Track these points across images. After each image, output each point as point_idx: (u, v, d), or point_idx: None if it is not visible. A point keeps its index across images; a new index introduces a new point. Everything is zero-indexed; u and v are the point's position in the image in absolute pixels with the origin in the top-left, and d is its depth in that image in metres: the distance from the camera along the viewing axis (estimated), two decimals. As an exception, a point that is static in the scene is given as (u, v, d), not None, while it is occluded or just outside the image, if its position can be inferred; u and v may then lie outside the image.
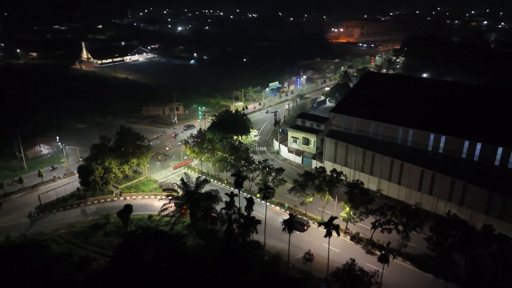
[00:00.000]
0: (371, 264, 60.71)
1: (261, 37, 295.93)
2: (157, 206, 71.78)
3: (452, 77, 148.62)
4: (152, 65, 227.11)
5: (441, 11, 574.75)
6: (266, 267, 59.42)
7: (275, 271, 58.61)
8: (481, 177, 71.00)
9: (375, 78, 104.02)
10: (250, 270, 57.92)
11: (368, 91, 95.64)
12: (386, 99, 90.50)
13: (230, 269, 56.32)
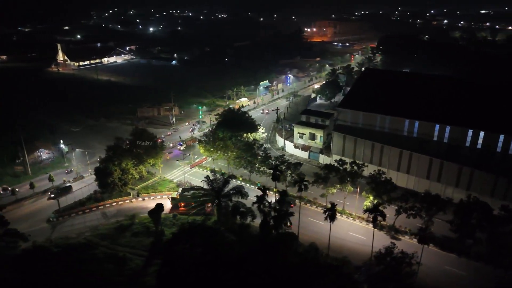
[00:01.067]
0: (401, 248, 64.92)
1: (237, 37, 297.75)
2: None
3: (429, 72, 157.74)
4: (132, 66, 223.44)
5: (402, 10, 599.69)
6: (304, 256, 61.90)
7: (313, 259, 61.23)
8: (485, 163, 77.07)
9: (375, 74, 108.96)
10: (288, 259, 60.34)
11: (370, 86, 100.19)
12: (389, 94, 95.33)
13: (270, 260, 58.48)
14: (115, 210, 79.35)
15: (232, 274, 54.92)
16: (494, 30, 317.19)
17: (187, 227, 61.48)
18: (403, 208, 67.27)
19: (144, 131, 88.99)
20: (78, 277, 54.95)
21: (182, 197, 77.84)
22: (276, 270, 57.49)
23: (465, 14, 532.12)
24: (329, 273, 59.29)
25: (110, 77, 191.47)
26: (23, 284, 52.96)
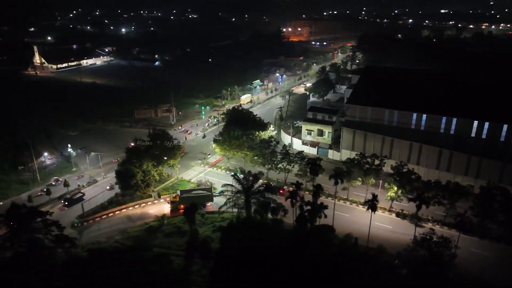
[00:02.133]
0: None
1: (214, 37, 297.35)
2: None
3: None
4: (114, 68, 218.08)
5: (367, 10, 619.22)
6: (342, 246, 64.31)
7: (351, 248, 63.80)
8: (491, 152, 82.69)
9: (376, 71, 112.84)
10: (327, 249, 62.64)
11: (373, 83, 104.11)
12: (393, 89, 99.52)
13: (311, 250, 60.59)
14: (139, 212, 78.41)
15: (281, 264, 56.61)
16: (459, 29, 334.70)
17: (234, 223, 62.01)
18: (426, 197, 70.87)
19: (164, 132, 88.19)
20: (137, 278, 54.40)
21: (182, 199, 77.06)
22: (319, 259, 59.70)
23: (427, 13, 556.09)
24: (369, 261, 62.26)
25: (94, 80, 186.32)
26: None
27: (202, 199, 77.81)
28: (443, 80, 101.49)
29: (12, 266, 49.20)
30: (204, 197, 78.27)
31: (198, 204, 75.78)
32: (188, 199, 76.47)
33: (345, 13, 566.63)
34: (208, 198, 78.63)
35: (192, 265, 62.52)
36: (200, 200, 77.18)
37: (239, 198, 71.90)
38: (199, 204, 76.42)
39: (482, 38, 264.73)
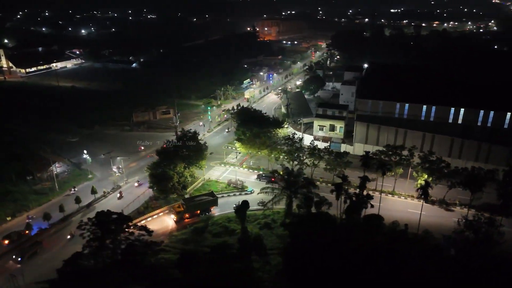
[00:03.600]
0: (456, 218, 74.01)
1: (183, 37, 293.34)
2: (234, 202, 76.23)
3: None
4: (88, 71, 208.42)
5: (323, 10, 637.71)
6: (392, 232, 67.73)
7: (401, 234, 67.38)
8: (499, 138, 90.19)
9: (380, 67, 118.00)
10: (380, 236, 65.84)
11: (379, 78, 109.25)
12: (400, 83, 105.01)
13: (365, 238, 63.48)
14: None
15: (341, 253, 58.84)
16: (416, 27, 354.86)
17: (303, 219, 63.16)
18: (456, 182, 76.23)
19: (195, 133, 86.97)
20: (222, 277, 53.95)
21: (189, 208, 75.02)
22: (374, 245, 62.62)
23: (379, 13, 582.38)
24: (419, 243, 66.28)
25: (72, 83, 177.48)
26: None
27: (208, 205, 76.99)
28: (445, 74, 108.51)
29: (114, 274, 47.09)
30: (209, 202, 77.10)
31: (203, 209, 75.76)
32: (195, 206, 75.21)
33: (303, 13, 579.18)
34: (213, 203, 77.58)
35: (255, 263, 62.71)
36: (206, 206, 76.67)
37: (282, 194, 73.30)
38: (204, 209, 76.14)
39: (439, 34, 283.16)
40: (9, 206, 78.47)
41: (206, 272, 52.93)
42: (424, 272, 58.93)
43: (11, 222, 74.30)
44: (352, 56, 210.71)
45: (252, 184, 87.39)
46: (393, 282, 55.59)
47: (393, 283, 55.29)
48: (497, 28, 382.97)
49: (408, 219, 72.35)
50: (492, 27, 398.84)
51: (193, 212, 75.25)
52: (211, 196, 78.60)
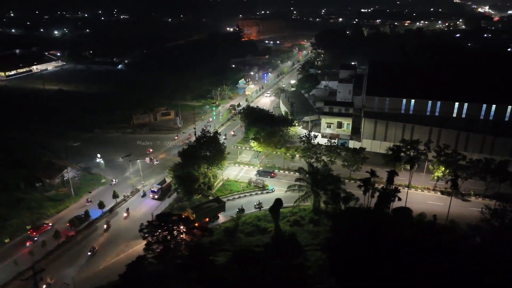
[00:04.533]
0: (474, 207, 77.72)
1: (166, 38, 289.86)
2: (257, 200, 77.87)
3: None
4: (71, 73, 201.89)
5: (296, 10, 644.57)
6: (421, 223, 70.15)
7: (429, 224, 69.94)
8: (501, 131, 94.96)
9: (382, 65, 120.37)
10: (411, 227, 68.12)
11: (383, 76, 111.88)
12: (404, 80, 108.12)
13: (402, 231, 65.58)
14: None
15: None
16: (392, 26, 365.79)
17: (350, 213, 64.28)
18: (472, 173, 79.77)
19: (216, 133, 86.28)
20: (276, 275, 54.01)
21: (199, 216, 70.74)
22: (408, 235, 64.81)
23: (350, 13, 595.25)
24: (447, 232, 69.01)
25: (58, 86, 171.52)
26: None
27: (216, 211, 74.69)
28: (447, 69, 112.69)
29: (181, 277, 45.99)
30: (218, 209, 74.72)
31: (212, 216, 73.78)
32: (204, 214, 72.12)
33: (278, 13, 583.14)
34: (221, 209, 75.35)
35: (296, 259, 63.07)
36: (214, 212, 74.42)
37: (309, 191, 74.27)
38: (213, 216, 74.13)
39: (415, 33, 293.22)
40: (25, 215, 75.27)
41: (263, 269, 52.84)
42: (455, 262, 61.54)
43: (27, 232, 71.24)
44: (337, 55, 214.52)
45: (271, 183, 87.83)
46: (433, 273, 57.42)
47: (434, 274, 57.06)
48: (465, 26, 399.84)
49: (432, 211, 75.01)
50: (461, 25, 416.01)
51: (203, 220, 71.60)
52: (218, 201, 75.83)
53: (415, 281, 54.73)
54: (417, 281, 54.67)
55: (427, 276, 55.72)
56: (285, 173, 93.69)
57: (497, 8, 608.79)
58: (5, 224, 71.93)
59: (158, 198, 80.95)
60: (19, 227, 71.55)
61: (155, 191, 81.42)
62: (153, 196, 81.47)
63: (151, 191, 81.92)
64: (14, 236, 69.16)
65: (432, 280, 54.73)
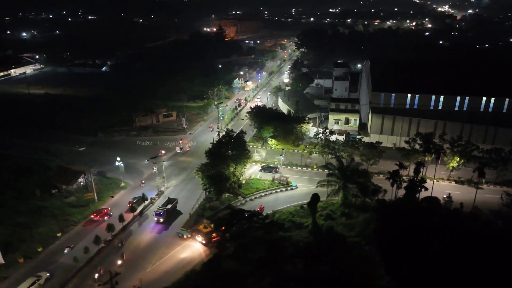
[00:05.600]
0: (488, 194, 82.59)
1: (144, 39, 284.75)
2: (284, 198, 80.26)
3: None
4: (53, 76, 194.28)
5: (265, 10, 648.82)
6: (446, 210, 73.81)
7: (455, 212, 73.68)
8: (501, 121, 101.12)
9: (382, 63, 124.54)
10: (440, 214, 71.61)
11: (385, 73, 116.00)
12: (407, 76, 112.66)
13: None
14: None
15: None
16: (364, 25, 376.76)
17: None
18: (483, 162, 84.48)
19: (241, 132, 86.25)
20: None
21: (217, 226, 66.96)
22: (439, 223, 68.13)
23: (320, 12, 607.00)
24: (473, 218, 73.01)
25: (43, 90, 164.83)
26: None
27: (364, 176, 74.68)
28: (446, 64, 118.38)
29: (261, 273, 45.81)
30: (365, 174, 75.27)
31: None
32: (221, 222, 67.58)
33: (250, 12, 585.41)
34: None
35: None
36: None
37: (340, 185, 76.19)
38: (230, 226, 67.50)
39: (390, 32, 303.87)
40: (50, 222, 72.53)
41: (328, 261, 53.89)
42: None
43: (63, 238, 68.91)
44: (321, 54, 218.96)
45: (293, 180, 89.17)
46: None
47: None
48: (432, 25, 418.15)
49: (455, 199, 79.01)
50: (427, 24, 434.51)
51: (220, 229, 67.46)
52: (230, 208, 72.92)
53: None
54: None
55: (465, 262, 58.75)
56: (303, 169, 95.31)
57: (457, 8, 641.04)
58: (32, 233, 69.13)
59: (163, 222, 72.40)
60: (48, 235, 68.88)
61: (160, 214, 72.28)
62: (158, 219, 72.42)
63: (156, 214, 72.83)
64: (46, 244, 66.47)
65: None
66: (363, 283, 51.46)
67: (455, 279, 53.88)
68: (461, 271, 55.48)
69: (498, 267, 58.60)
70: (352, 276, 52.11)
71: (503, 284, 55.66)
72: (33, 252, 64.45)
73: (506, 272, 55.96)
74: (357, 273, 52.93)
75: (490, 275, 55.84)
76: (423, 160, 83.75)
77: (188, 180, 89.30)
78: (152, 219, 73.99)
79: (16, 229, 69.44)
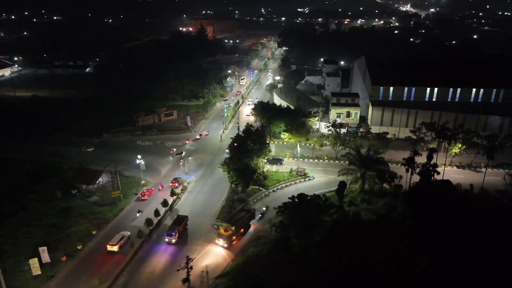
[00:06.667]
0: (489, 176, 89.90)
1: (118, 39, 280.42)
2: (304, 188, 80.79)
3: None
4: (34, 78, 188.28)
5: (235, 10, 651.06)
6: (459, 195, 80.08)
7: (465, 194, 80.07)
8: (489, 111, 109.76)
9: (376, 59, 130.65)
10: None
11: (381, 68, 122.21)
12: (401, 72, 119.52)
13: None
14: (261, 204, 79.39)
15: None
16: (337, 24, 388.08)
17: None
18: (486, 147, 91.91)
19: (262, 127, 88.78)
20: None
21: (237, 228, 67.68)
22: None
23: (289, 12, 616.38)
24: (482, 199, 79.68)
25: (28, 93, 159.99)
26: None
27: (249, 220, 71.79)
28: (435, 60, 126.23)
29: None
30: (250, 217, 71.99)
31: (246, 227, 70.71)
32: (240, 225, 68.48)
33: (224, 11, 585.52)
34: (251, 217, 72.79)
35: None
36: (247, 222, 71.25)
37: (361, 173, 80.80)
38: (247, 226, 71.02)
39: (368, 30, 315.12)
40: (82, 221, 72.52)
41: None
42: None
43: (99, 234, 69.26)
44: (304, 52, 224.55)
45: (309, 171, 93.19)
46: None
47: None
48: (399, 24, 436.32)
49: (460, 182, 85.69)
50: (394, 23, 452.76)
51: (239, 232, 68.89)
52: (246, 211, 72.66)
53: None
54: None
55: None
56: (314, 161, 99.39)
57: (417, 7, 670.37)
58: (67, 233, 69.01)
59: (175, 243, 66.39)
60: (84, 233, 68.99)
61: (172, 234, 66.02)
62: (169, 240, 66.19)
63: (167, 234, 66.66)
64: (85, 242, 66.63)
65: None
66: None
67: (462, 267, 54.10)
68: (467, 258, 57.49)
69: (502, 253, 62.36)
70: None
71: (505, 271, 51.94)
72: (73, 250, 64.51)
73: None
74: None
75: (494, 261, 53.30)
76: (436, 146, 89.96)
77: (208, 176, 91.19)
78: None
79: (50, 230, 69.07)
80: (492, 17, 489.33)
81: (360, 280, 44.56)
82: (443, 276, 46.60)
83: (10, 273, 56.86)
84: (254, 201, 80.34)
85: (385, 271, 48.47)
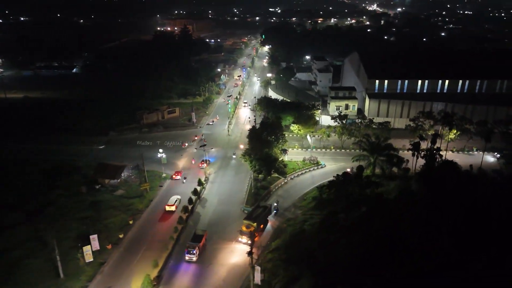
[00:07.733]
0: (479, 160, 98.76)
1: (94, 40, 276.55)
2: (319, 176, 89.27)
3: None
4: (19, 80, 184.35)
5: (208, 9, 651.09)
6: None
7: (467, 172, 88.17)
8: (475, 100, 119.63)
9: (368, 54, 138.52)
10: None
11: (375, 63, 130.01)
12: (394, 65, 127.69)
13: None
14: (282, 191, 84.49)
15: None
16: (312, 23, 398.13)
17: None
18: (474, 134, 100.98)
19: (279, 118, 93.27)
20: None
21: (258, 224, 68.43)
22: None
23: (262, 12, 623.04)
24: (481, 178, 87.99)
25: (17, 94, 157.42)
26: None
27: (266, 216, 72.83)
28: (424, 53, 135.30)
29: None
30: (267, 213, 73.01)
31: (265, 223, 71.71)
32: (260, 221, 69.23)
33: (199, 11, 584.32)
34: (268, 212, 73.82)
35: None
36: (265, 218, 72.33)
37: (373, 158, 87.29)
38: (265, 222, 71.75)
39: (348, 29, 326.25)
40: (116, 213, 74.89)
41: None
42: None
43: (136, 224, 71.96)
44: (288, 50, 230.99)
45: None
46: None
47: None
48: (370, 23, 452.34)
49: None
50: (365, 21, 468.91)
51: (260, 227, 69.91)
52: (263, 207, 73.62)
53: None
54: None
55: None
56: (322, 151, 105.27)
57: (384, 6, 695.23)
58: (104, 224, 71.22)
59: (196, 261, 61.70)
60: (121, 224, 71.50)
61: (193, 252, 61.63)
62: (190, 258, 61.65)
63: (187, 252, 61.89)
64: (125, 231, 69.22)
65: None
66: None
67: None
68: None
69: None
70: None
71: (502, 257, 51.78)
72: (116, 239, 66.97)
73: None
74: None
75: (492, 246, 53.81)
76: (440, 132, 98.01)
77: (225, 168, 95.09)
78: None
79: (85, 222, 70.98)
80: (455, 16, 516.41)
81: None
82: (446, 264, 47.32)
83: (62, 262, 58.73)
84: (275, 188, 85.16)
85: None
